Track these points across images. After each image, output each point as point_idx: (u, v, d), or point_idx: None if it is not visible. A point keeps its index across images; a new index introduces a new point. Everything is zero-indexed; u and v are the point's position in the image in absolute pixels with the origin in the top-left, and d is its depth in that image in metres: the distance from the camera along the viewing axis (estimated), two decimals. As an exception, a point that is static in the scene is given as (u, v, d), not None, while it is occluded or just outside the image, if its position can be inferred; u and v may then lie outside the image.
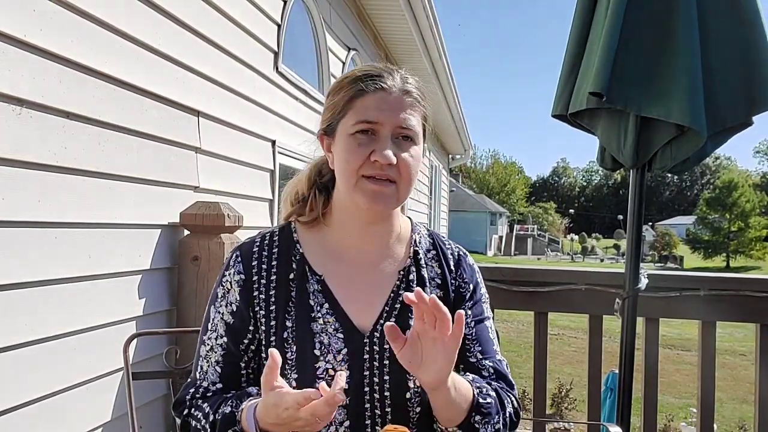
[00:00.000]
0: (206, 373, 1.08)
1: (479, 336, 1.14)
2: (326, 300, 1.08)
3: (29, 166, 1.67)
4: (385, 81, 1.05)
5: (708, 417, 2.25)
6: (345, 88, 1.06)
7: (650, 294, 2.19)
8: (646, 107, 1.83)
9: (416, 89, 1.08)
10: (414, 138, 1.05)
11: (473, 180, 72.58)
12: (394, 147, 1.02)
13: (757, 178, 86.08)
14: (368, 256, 1.13)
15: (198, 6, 2.61)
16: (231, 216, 2.39)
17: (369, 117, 1.02)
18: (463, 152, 14.53)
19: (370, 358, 1.05)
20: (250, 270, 1.09)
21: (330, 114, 1.08)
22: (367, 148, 1.02)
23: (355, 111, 1.04)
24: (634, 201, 2.06)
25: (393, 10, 5.44)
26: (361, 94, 1.04)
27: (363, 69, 1.08)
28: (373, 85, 1.04)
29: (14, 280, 1.63)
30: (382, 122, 1.02)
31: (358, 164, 1.02)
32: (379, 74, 1.06)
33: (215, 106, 2.76)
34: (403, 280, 1.12)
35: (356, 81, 1.05)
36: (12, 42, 1.59)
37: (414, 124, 1.05)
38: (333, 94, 1.09)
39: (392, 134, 1.03)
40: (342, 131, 1.05)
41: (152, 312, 2.28)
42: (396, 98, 1.04)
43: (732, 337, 11.69)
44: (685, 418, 6.62)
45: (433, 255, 1.17)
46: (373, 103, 1.03)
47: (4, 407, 1.60)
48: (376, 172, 1.02)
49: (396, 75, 1.07)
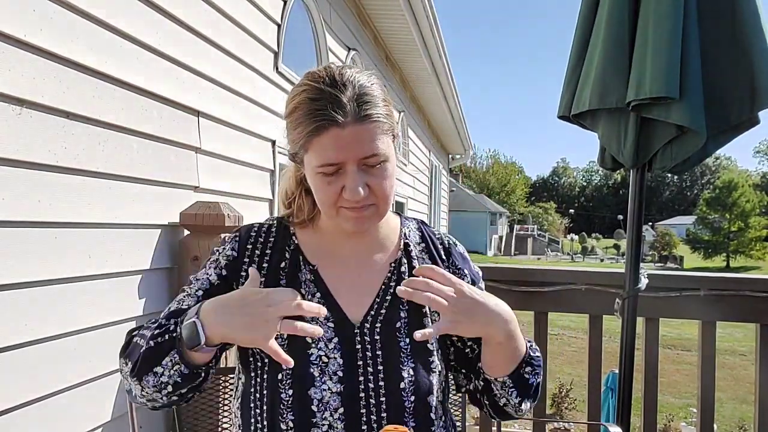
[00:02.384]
0: (182, 301, 1.08)
1: None
2: (318, 289, 1.08)
3: (29, 166, 1.67)
4: (336, 114, 0.95)
5: (708, 417, 2.25)
6: (301, 122, 0.99)
7: (650, 294, 2.19)
8: (645, 108, 1.83)
9: (371, 106, 0.98)
10: (384, 159, 1.01)
11: (473, 180, 72.57)
12: (363, 176, 0.99)
13: (757, 178, 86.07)
14: (360, 250, 1.14)
15: (198, 6, 2.61)
16: (231, 216, 2.39)
17: (329, 159, 0.97)
18: (463, 152, 14.53)
19: (362, 348, 1.05)
20: (243, 252, 1.11)
21: (292, 144, 1.04)
22: (336, 185, 0.99)
23: (314, 152, 0.98)
24: (634, 201, 2.06)
25: (393, 9, 5.44)
26: (316, 133, 0.97)
27: (311, 95, 0.98)
28: (326, 121, 0.95)
29: (14, 280, 1.63)
30: (343, 160, 0.98)
31: (332, 201, 1.02)
32: (329, 103, 0.96)
33: (215, 106, 2.76)
34: (394, 272, 1.13)
35: (310, 115, 0.97)
36: (12, 42, 1.59)
37: (379, 148, 0.99)
38: (291, 121, 1.02)
39: (358, 165, 0.99)
40: (308, 166, 1.03)
41: (152, 312, 2.28)
42: (352, 132, 0.96)
43: (732, 337, 11.70)
44: (685, 418, 6.63)
45: (423, 247, 1.18)
46: (329, 142, 0.96)
47: (4, 407, 1.60)
48: (352, 204, 1.01)
49: (345, 96, 0.96)
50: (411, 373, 1.05)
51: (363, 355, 1.05)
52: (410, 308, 1.09)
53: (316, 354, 1.03)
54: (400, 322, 1.08)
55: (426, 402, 1.06)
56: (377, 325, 1.07)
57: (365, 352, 1.05)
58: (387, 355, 1.05)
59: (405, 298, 0.97)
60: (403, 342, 1.06)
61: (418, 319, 1.09)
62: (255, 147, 3.26)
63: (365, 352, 1.05)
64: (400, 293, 0.95)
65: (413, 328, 1.05)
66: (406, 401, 1.05)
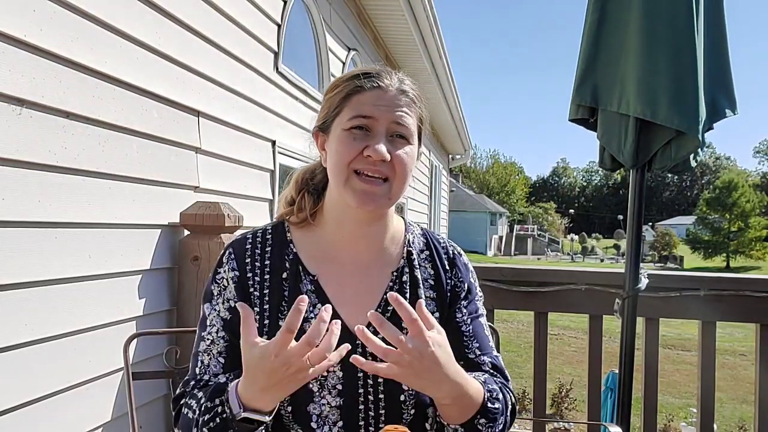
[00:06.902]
0: (208, 366, 1.06)
1: (476, 332, 1.14)
2: (319, 300, 1.07)
3: (29, 166, 1.67)
4: (382, 80, 1.06)
5: (708, 417, 2.25)
6: (341, 86, 1.07)
7: (650, 294, 2.19)
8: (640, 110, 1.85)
9: (413, 90, 1.09)
10: (408, 137, 1.05)
11: (473, 180, 72.57)
12: (388, 144, 1.02)
13: (757, 178, 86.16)
14: (361, 256, 1.12)
15: (198, 6, 2.61)
16: (231, 216, 2.39)
17: (364, 111, 1.02)
18: (463, 152, 14.52)
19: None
20: (244, 267, 1.09)
21: (326, 111, 1.09)
22: (361, 142, 1.01)
23: (351, 107, 1.04)
24: (634, 201, 2.06)
25: (393, 10, 5.44)
26: (357, 91, 1.04)
27: (361, 69, 1.09)
28: (370, 82, 1.04)
29: (14, 280, 1.63)
30: (377, 117, 1.02)
31: (351, 157, 1.01)
32: (377, 73, 1.07)
33: (215, 106, 2.76)
34: (396, 281, 1.11)
35: (353, 78, 1.06)
36: (12, 42, 1.59)
37: (409, 123, 1.05)
38: (329, 91, 1.09)
39: (387, 131, 1.03)
40: (337, 127, 1.05)
41: (152, 312, 2.28)
42: (392, 96, 1.05)
43: (732, 337, 11.70)
44: (685, 418, 6.62)
45: (426, 255, 1.16)
46: (369, 99, 1.03)
47: (4, 407, 1.60)
48: (368, 167, 1.01)
49: (393, 76, 1.08)
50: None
51: None
52: None
53: None
54: (401, 334, 1.07)
55: (424, 414, 1.06)
56: (378, 336, 1.05)
57: None
58: None
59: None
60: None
61: None
62: (255, 147, 3.26)
63: None
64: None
65: None
66: (405, 414, 1.04)
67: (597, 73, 1.97)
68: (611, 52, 1.94)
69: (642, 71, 1.84)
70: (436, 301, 1.13)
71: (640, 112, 1.86)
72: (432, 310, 1.11)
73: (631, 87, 1.87)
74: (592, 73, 1.97)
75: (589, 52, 1.97)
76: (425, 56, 6.72)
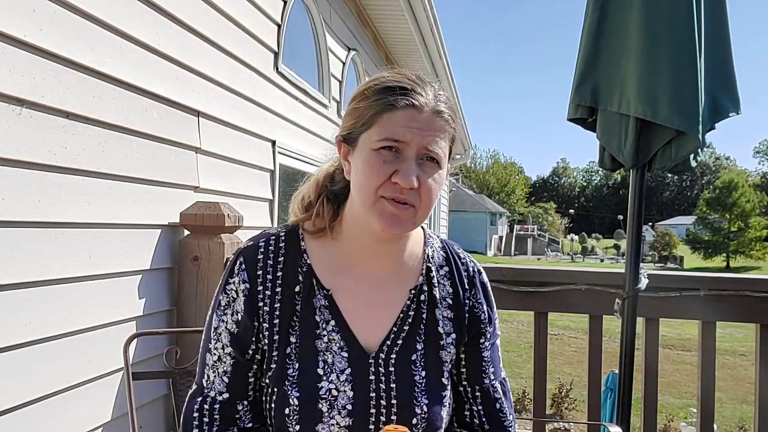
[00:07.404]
0: (213, 383, 1.04)
1: (493, 358, 1.14)
2: (333, 316, 1.03)
3: (29, 166, 1.67)
4: (417, 97, 0.97)
5: (708, 417, 2.25)
6: (373, 98, 0.99)
7: (650, 294, 2.19)
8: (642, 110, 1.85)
9: (448, 109, 1.01)
10: (439, 161, 0.99)
11: (473, 180, 72.52)
12: (417, 169, 0.96)
13: (757, 178, 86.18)
14: (378, 270, 1.08)
15: (198, 6, 2.61)
16: (231, 216, 2.39)
17: (396, 135, 0.95)
18: (463, 152, 14.51)
19: (375, 379, 1.01)
20: (255, 279, 1.04)
21: (353, 122, 1.02)
22: (390, 166, 0.96)
23: (382, 126, 0.97)
24: (634, 201, 2.06)
25: (393, 10, 5.44)
26: (390, 109, 0.97)
27: (395, 78, 1.00)
28: (404, 100, 0.97)
29: (14, 280, 1.63)
30: (408, 142, 0.96)
31: (379, 183, 0.96)
32: (412, 88, 0.98)
33: (215, 106, 2.76)
34: (414, 299, 1.07)
35: (386, 92, 0.98)
36: (12, 42, 1.59)
37: (442, 147, 0.99)
38: (358, 99, 1.02)
39: (417, 155, 0.97)
40: (364, 144, 0.99)
41: (152, 312, 2.28)
42: (426, 118, 0.97)
43: (732, 337, 11.70)
44: (685, 418, 6.62)
45: (446, 272, 1.12)
46: (401, 119, 0.96)
47: (4, 407, 1.60)
48: (396, 194, 0.96)
49: (429, 90, 1.00)
50: (424, 409, 1.01)
51: (376, 387, 1.01)
52: (427, 339, 1.06)
53: (326, 387, 0.99)
54: (416, 354, 1.04)
55: None
56: (392, 356, 1.03)
57: (378, 384, 1.01)
58: (401, 389, 1.01)
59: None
60: (418, 375, 1.03)
61: (434, 351, 1.06)
62: (255, 147, 3.26)
63: (378, 384, 1.01)
64: None
65: (430, 360, 1.03)
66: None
67: (597, 72, 1.96)
68: (611, 52, 1.94)
69: (642, 71, 1.84)
70: (454, 322, 1.10)
71: (640, 112, 1.85)
72: (449, 331, 1.08)
73: (631, 87, 1.87)
74: (592, 72, 1.97)
75: (589, 51, 1.97)
76: (425, 56, 6.72)
